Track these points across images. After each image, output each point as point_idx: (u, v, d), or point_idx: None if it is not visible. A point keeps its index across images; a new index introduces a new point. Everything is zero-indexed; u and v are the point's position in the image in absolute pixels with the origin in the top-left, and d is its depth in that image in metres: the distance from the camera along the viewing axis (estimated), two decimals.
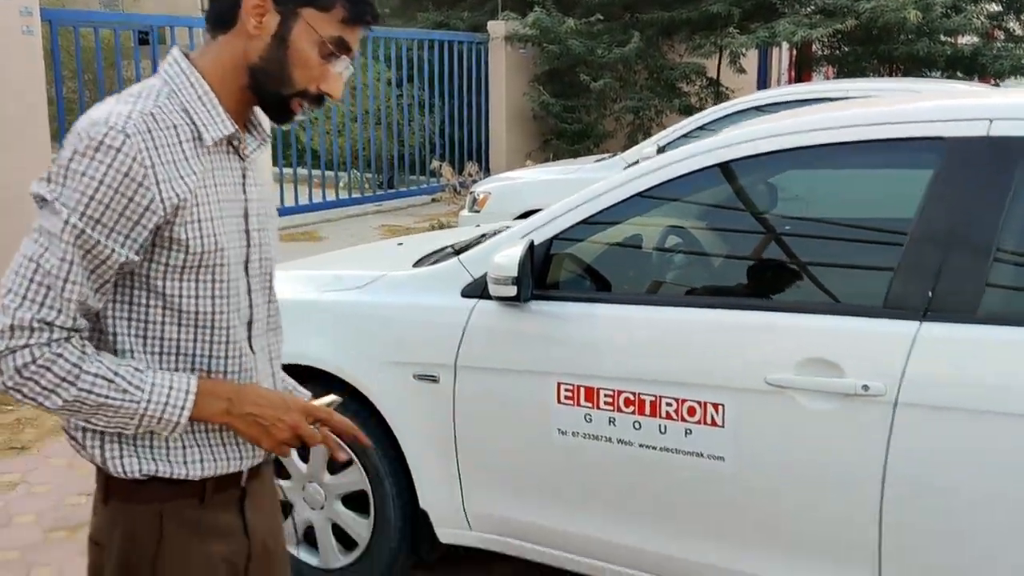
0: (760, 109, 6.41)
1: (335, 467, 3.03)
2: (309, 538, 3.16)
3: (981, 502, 2.13)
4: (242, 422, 1.47)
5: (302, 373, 3.01)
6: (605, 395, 2.56)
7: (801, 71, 13.87)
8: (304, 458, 3.07)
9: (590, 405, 2.58)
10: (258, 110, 1.56)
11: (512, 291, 2.58)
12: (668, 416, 2.47)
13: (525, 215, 5.40)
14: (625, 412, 2.53)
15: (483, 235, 3.25)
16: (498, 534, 2.84)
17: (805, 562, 2.35)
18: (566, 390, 2.61)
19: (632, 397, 2.52)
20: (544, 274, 2.73)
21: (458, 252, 2.98)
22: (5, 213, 5.84)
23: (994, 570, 2.14)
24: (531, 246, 2.61)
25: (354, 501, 3.02)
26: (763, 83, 15.23)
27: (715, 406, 2.40)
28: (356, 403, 2.95)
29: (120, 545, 1.47)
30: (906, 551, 2.22)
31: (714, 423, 2.41)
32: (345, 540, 3.07)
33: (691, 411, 2.44)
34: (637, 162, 5.04)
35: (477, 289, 2.78)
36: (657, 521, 2.55)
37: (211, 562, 1.51)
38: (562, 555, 2.75)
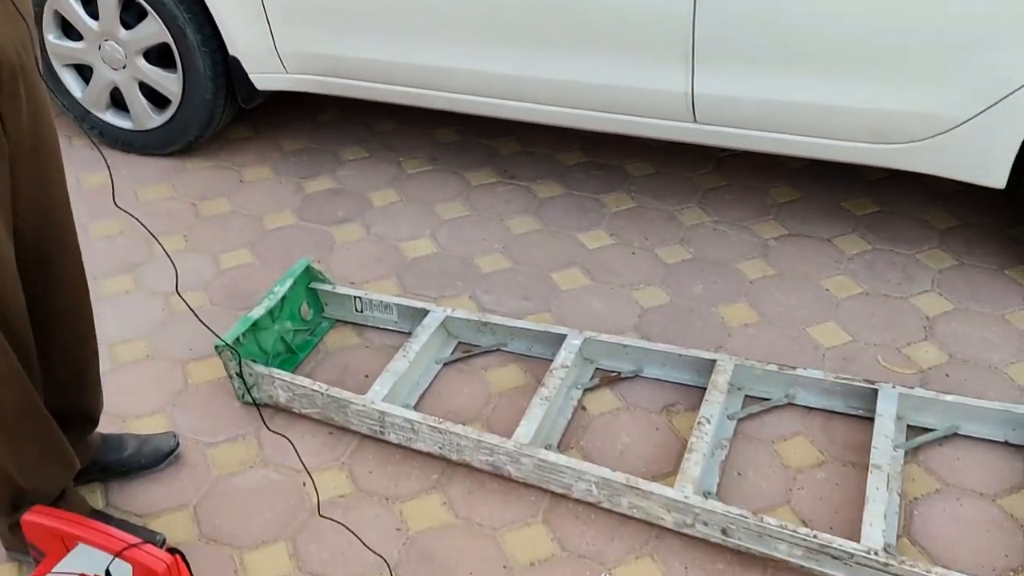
0: None
1: (129, 22, 2.79)
2: (118, 102, 3.00)
3: None
4: None
5: None
6: None
7: None
8: (93, 15, 2.81)
9: None
10: None
11: None
12: None
13: None
14: None
15: None
16: (315, 74, 2.75)
17: (624, 64, 2.37)
18: None
19: None
20: None
21: None
22: None
23: (801, 52, 2.20)
24: None
25: (158, 55, 2.84)
26: None
27: None
28: None
29: None
30: (717, 41, 2.24)
31: None
32: (157, 99, 2.93)
33: None
34: None
35: None
36: (476, 39, 2.49)
37: None
38: (381, 87, 2.70)
